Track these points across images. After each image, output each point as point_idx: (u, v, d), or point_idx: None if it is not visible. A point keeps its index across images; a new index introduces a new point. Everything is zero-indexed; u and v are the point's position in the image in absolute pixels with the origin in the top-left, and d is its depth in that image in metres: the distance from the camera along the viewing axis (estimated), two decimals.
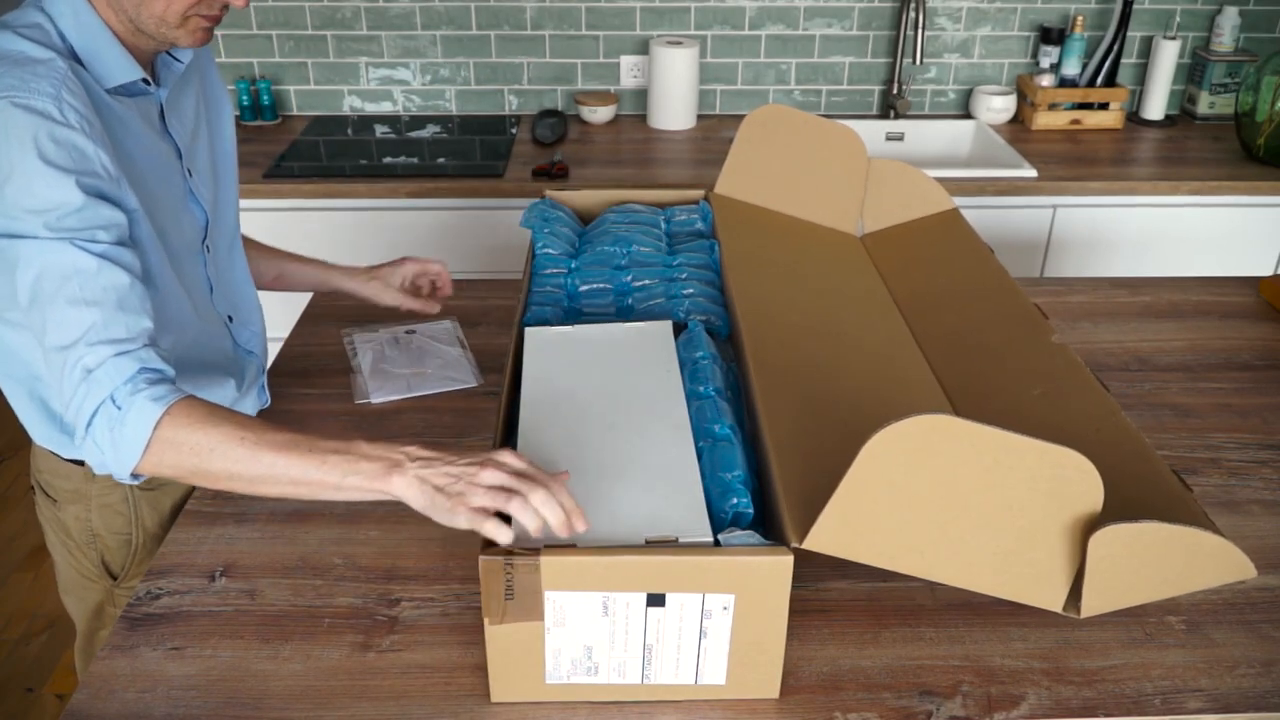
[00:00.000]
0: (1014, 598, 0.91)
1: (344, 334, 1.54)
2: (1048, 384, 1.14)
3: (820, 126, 1.54)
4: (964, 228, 1.49)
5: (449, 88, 2.62)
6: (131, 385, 0.93)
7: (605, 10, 2.54)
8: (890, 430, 0.81)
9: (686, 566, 0.87)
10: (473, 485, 0.86)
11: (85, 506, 1.23)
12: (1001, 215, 2.26)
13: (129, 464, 0.93)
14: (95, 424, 0.92)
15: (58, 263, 0.94)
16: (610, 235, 1.40)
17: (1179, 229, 2.31)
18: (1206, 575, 0.91)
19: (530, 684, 0.93)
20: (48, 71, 0.97)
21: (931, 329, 1.32)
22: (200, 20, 1.05)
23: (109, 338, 0.94)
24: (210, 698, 0.95)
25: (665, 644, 0.91)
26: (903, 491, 0.84)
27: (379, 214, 2.23)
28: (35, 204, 0.94)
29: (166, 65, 1.14)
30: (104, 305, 0.95)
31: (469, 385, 1.42)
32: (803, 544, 0.85)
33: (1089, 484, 0.85)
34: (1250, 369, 1.50)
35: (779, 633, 0.91)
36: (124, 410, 0.92)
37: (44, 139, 0.94)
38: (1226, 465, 1.29)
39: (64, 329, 0.94)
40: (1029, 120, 2.57)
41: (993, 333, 1.27)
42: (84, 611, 1.31)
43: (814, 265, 1.44)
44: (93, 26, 1.03)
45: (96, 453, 0.94)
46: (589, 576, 0.87)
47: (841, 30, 2.59)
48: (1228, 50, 2.60)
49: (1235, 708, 0.95)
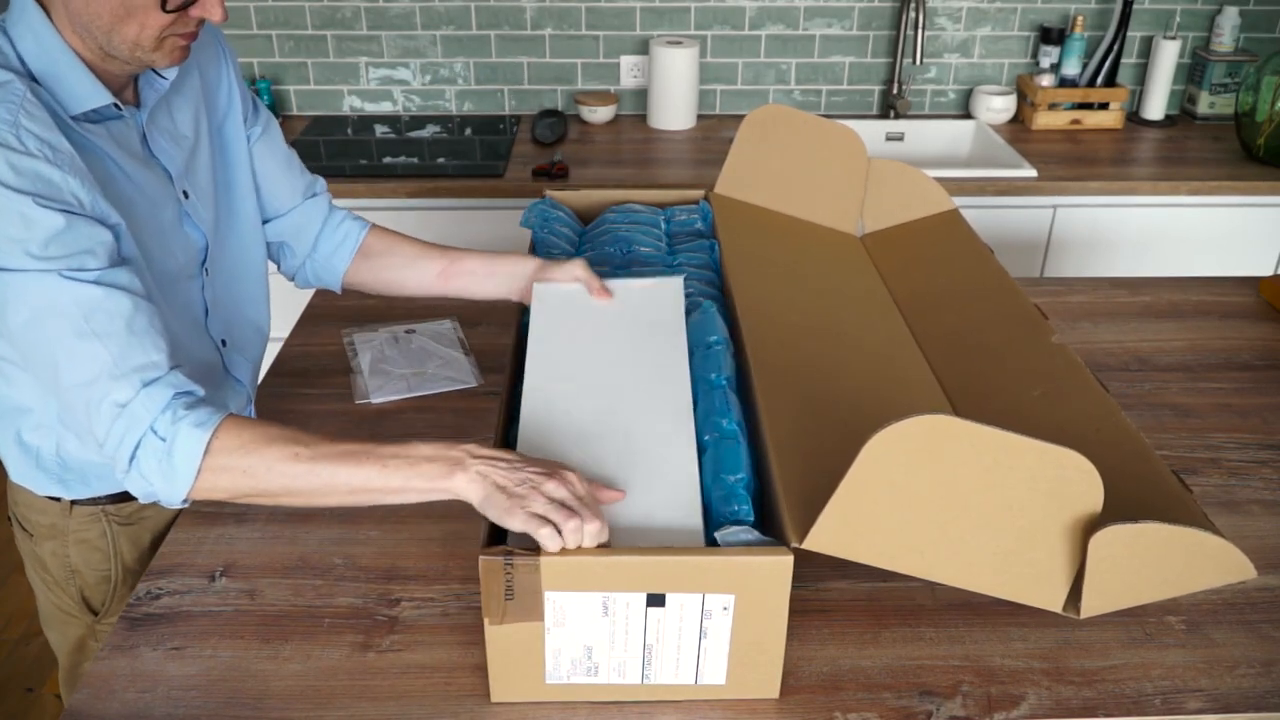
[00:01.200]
0: (1014, 598, 0.91)
1: (344, 334, 1.54)
2: (1048, 384, 1.14)
3: (820, 126, 1.54)
4: (964, 228, 1.49)
5: (449, 88, 2.62)
6: (171, 414, 0.91)
7: (605, 10, 2.54)
8: (890, 430, 0.81)
9: (686, 567, 0.87)
10: (536, 491, 0.87)
11: (62, 542, 1.19)
12: (1001, 215, 2.26)
13: (181, 493, 0.92)
14: (140, 458, 0.91)
15: (53, 300, 0.90)
16: (610, 235, 1.40)
17: (1179, 229, 2.31)
18: (1207, 576, 0.91)
19: (530, 684, 0.93)
20: (4, 96, 0.90)
21: (932, 329, 1.32)
22: (177, 40, 0.99)
23: (131, 367, 0.91)
24: (210, 698, 0.95)
25: (665, 644, 0.91)
26: (903, 492, 0.84)
27: (379, 214, 2.22)
28: (12, 231, 0.89)
29: (150, 84, 1.07)
30: (114, 336, 0.91)
31: (469, 385, 1.42)
32: (803, 544, 0.85)
33: (1089, 484, 0.85)
34: (1250, 369, 1.50)
35: (779, 633, 0.91)
36: (169, 442, 0.90)
37: (3, 168, 0.88)
38: (1226, 465, 1.29)
39: (79, 366, 0.91)
40: (1029, 120, 2.58)
41: (993, 333, 1.27)
42: (65, 646, 1.27)
43: (814, 265, 1.44)
44: (54, 50, 0.96)
45: (144, 485, 0.92)
46: (589, 577, 0.87)
47: (841, 30, 2.59)
48: (1228, 50, 2.60)
49: (1235, 708, 0.95)
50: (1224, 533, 0.89)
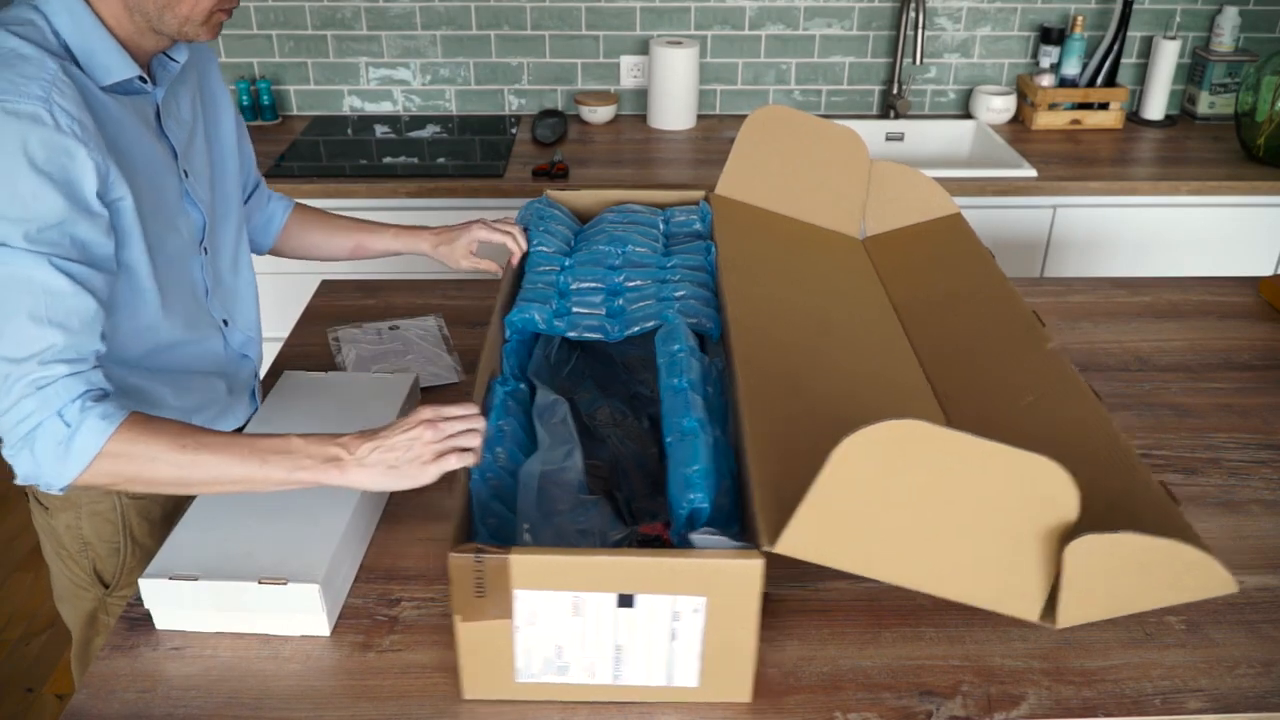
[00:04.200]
0: (990, 606, 0.90)
1: (330, 331, 1.55)
2: (1040, 391, 1.14)
3: (822, 128, 1.54)
4: (967, 231, 1.49)
5: (449, 88, 2.62)
6: (80, 403, 0.95)
7: (605, 10, 2.54)
8: (861, 435, 0.80)
9: (657, 568, 0.86)
10: (426, 446, 0.97)
11: (76, 514, 1.22)
12: (1001, 215, 2.26)
13: (68, 478, 0.96)
14: (38, 437, 0.94)
15: (29, 277, 0.95)
16: (606, 234, 1.40)
17: (1179, 229, 2.31)
18: (1187, 589, 0.89)
19: (501, 682, 0.93)
20: (37, 72, 0.96)
21: (928, 333, 1.32)
22: (220, 15, 1.07)
23: (65, 358, 0.96)
24: (210, 698, 0.95)
25: (636, 645, 0.91)
26: (875, 497, 0.84)
27: (379, 214, 2.21)
28: (17, 212, 0.94)
29: (163, 65, 1.14)
30: (68, 329, 0.96)
31: (451, 381, 1.43)
32: (774, 548, 0.84)
33: (1064, 493, 0.83)
34: (1250, 369, 1.50)
35: (750, 635, 0.90)
36: (73, 428, 0.94)
37: (34, 145, 0.94)
38: (1226, 465, 1.29)
39: (20, 343, 0.95)
40: (1029, 120, 2.57)
41: (989, 338, 1.27)
42: (78, 619, 1.31)
43: (812, 268, 1.44)
44: (88, 24, 1.02)
45: (30, 465, 0.96)
46: (559, 576, 0.87)
47: (841, 30, 2.59)
48: (1228, 50, 2.60)
49: (1235, 708, 0.95)
50: (1209, 546, 0.87)
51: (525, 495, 1.01)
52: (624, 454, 1.16)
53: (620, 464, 1.14)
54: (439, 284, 1.74)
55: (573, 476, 1.05)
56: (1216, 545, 1.15)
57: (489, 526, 0.95)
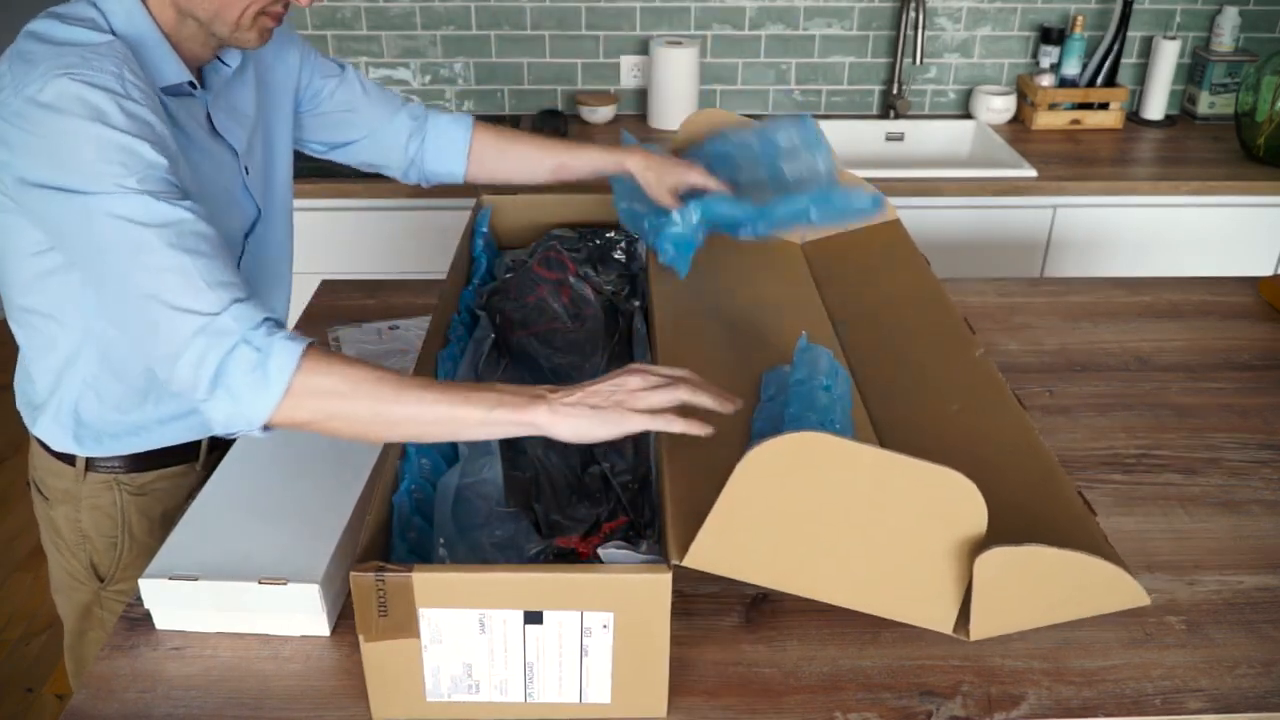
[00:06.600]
0: (902, 618, 0.89)
1: (329, 330, 1.55)
2: (967, 399, 1.13)
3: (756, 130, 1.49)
4: (904, 238, 1.47)
5: (449, 88, 2.62)
6: (266, 328, 0.89)
7: (605, 10, 2.54)
8: (765, 447, 0.80)
9: (563, 584, 0.85)
10: (632, 394, 0.90)
11: (75, 507, 1.22)
12: (1001, 215, 2.26)
13: (268, 407, 0.88)
14: (229, 370, 0.88)
15: (145, 213, 0.90)
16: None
17: (1179, 229, 2.31)
18: (1098, 601, 0.89)
19: (411, 701, 0.91)
20: (109, 51, 0.95)
21: (859, 340, 1.31)
22: (267, 20, 1.05)
23: (219, 281, 0.90)
24: (210, 698, 0.95)
25: (547, 662, 0.89)
26: (780, 509, 0.83)
27: (379, 214, 2.23)
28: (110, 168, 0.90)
29: (215, 70, 1.13)
30: (203, 255, 0.91)
31: None
32: (682, 561, 0.84)
33: (972, 505, 0.82)
34: (1250, 369, 1.50)
35: (661, 650, 0.89)
36: (264, 352, 0.88)
37: (114, 111, 0.92)
38: (1227, 465, 1.29)
39: (158, 278, 0.89)
40: (1029, 120, 2.58)
41: (919, 346, 1.26)
42: (72, 611, 1.31)
43: (745, 273, 1.41)
44: (144, 25, 1.02)
45: (228, 403, 0.89)
46: (463, 593, 0.85)
47: (841, 30, 2.59)
48: (1228, 50, 2.60)
49: (1235, 708, 0.95)
50: (1120, 558, 0.87)
51: (441, 508, 0.99)
52: (545, 465, 1.12)
53: (540, 476, 1.10)
54: (439, 284, 1.73)
55: (490, 489, 1.03)
56: (1217, 545, 1.15)
57: (409, 541, 0.94)
